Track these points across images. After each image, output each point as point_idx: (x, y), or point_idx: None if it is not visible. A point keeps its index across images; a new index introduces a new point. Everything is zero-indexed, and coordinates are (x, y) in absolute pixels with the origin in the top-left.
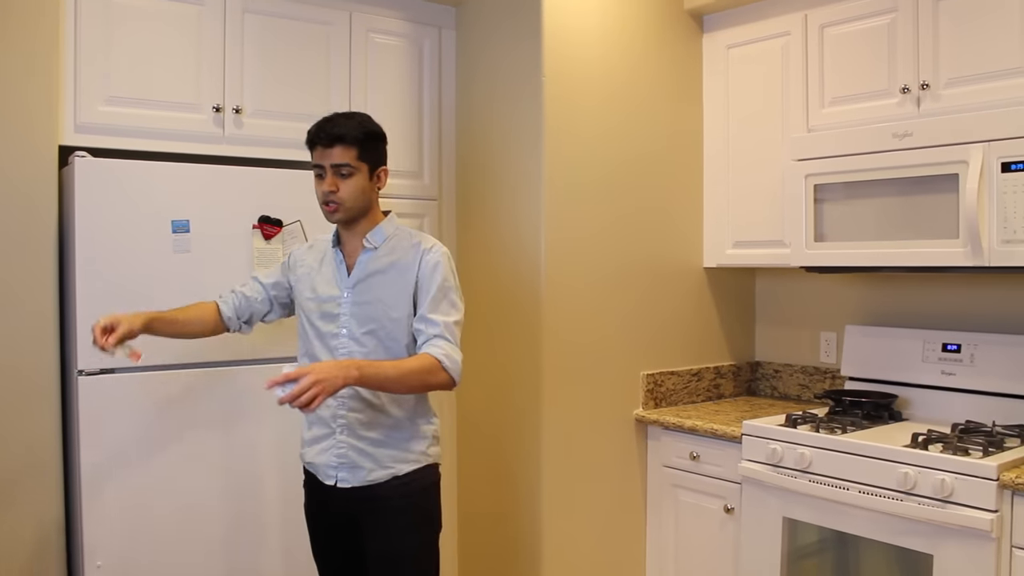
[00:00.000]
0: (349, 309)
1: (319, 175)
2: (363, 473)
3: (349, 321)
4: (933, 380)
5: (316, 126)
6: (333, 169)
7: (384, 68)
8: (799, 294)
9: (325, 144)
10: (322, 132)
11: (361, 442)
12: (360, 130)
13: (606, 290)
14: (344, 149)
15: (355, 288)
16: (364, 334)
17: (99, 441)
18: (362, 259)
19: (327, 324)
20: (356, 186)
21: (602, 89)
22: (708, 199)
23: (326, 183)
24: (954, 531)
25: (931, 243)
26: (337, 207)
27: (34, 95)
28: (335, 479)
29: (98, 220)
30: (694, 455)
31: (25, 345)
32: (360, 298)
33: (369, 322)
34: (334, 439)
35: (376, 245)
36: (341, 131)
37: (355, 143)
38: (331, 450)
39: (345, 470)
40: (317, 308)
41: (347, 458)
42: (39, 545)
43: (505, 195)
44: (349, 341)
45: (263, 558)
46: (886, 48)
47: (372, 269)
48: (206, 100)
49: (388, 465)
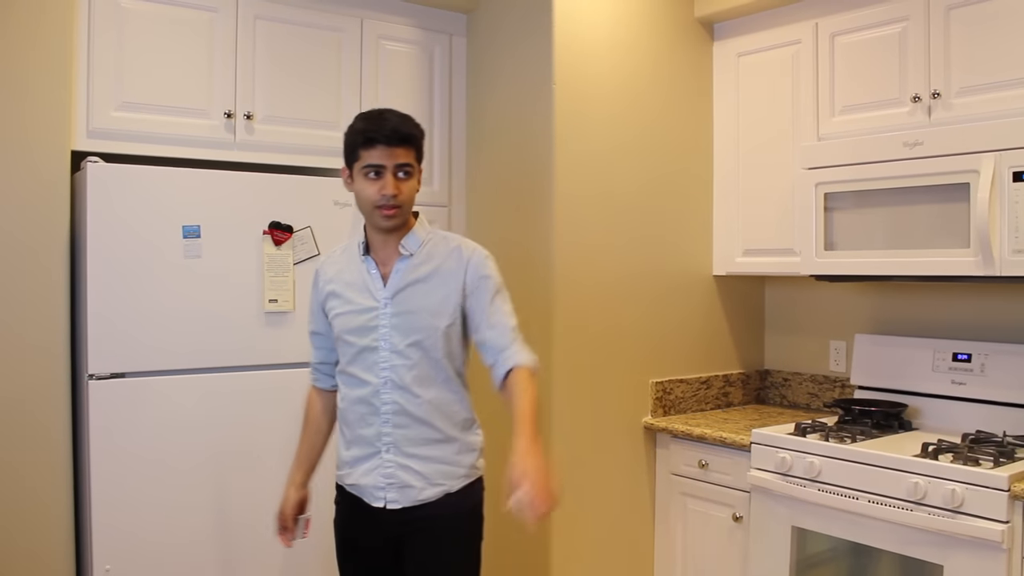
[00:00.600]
0: (389, 321)
1: (373, 175)
2: (413, 492)
3: (390, 334)
4: (943, 390)
5: (374, 123)
6: (396, 169)
7: (395, 75)
8: (809, 303)
9: (393, 143)
10: (386, 129)
11: (409, 460)
12: (419, 129)
13: (616, 297)
14: (407, 149)
15: (394, 298)
16: (408, 346)
17: (110, 445)
18: (399, 267)
19: (362, 338)
20: (413, 188)
21: (613, 97)
22: (718, 207)
23: (388, 185)
24: (964, 542)
25: (942, 252)
26: (398, 210)
27: (47, 101)
28: (384, 500)
29: (110, 225)
30: (703, 463)
31: (36, 349)
32: (401, 308)
33: (413, 333)
34: (380, 458)
35: (412, 251)
36: (408, 130)
37: (416, 143)
38: (377, 470)
39: (394, 490)
40: (351, 322)
41: (395, 478)
42: (49, 548)
43: (515, 202)
44: (391, 355)
45: (276, 565)
46: (897, 57)
47: (412, 278)
48: (217, 106)
49: (439, 482)
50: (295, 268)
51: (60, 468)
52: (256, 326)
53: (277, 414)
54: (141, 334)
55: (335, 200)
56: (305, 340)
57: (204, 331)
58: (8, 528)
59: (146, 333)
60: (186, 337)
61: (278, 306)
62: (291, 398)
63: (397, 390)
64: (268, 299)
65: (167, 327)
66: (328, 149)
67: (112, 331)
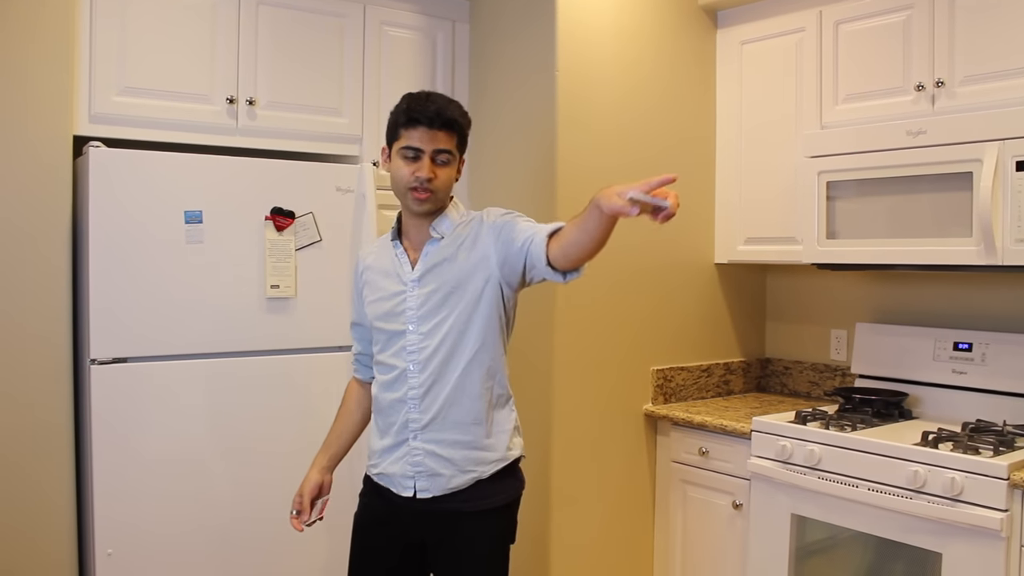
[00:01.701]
0: (416, 303)
1: (412, 157)
2: (443, 480)
3: (416, 315)
4: (944, 379)
5: (419, 103)
6: (435, 154)
7: (398, 61)
8: (810, 291)
9: (435, 126)
10: (429, 111)
11: (437, 446)
12: (465, 117)
13: (617, 285)
14: (449, 134)
15: (421, 280)
16: (434, 326)
17: (111, 430)
18: (428, 250)
19: (391, 323)
20: (450, 176)
21: (615, 84)
22: (720, 195)
23: (424, 168)
24: (963, 530)
25: (944, 241)
26: (431, 195)
27: (49, 85)
28: (412, 489)
29: (112, 210)
30: (703, 451)
31: (38, 334)
32: (428, 288)
33: (440, 311)
34: (408, 446)
35: (443, 234)
36: (452, 115)
37: (460, 129)
38: (405, 458)
39: (424, 479)
40: (380, 308)
41: (423, 466)
42: (51, 532)
43: (517, 189)
44: (418, 337)
45: (278, 549)
46: (901, 45)
47: (440, 258)
48: (220, 91)
49: (469, 469)
50: (297, 254)
51: (62, 452)
52: (258, 312)
53: (279, 399)
54: (143, 319)
55: (337, 186)
56: (307, 325)
57: (206, 316)
58: (10, 512)
59: (148, 318)
60: (188, 322)
61: (280, 292)
62: (293, 384)
63: (422, 372)
64: (270, 285)
65: (169, 312)
66: (331, 135)
67: (114, 316)
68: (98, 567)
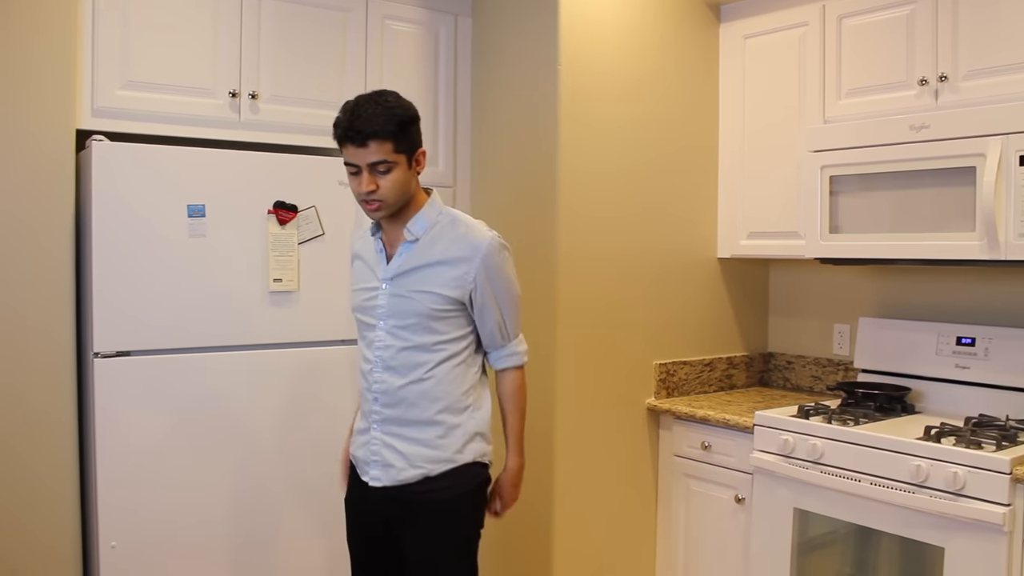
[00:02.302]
0: (387, 302)
1: (354, 173)
2: (394, 472)
3: (386, 314)
4: (947, 373)
5: (345, 121)
6: (370, 168)
7: (400, 55)
8: (813, 286)
9: (357, 143)
10: (351, 130)
11: (393, 439)
12: (393, 121)
13: (620, 279)
14: (379, 145)
15: (394, 281)
16: (401, 328)
17: (115, 423)
18: (403, 251)
19: (365, 315)
20: (397, 180)
21: (618, 78)
22: (723, 189)
23: (364, 182)
24: (966, 524)
25: (947, 236)
26: (380, 205)
27: (52, 79)
28: (369, 477)
29: (115, 203)
30: (705, 445)
31: (41, 327)
32: (399, 291)
33: (408, 316)
34: (370, 434)
35: (417, 236)
36: (373, 127)
37: (390, 136)
38: (367, 445)
39: (378, 467)
40: (357, 299)
41: (379, 455)
42: (54, 526)
43: (519, 183)
44: (386, 335)
45: (281, 539)
46: (905, 40)
47: (414, 264)
48: (222, 85)
49: (418, 465)
50: (300, 248)
51: (65, 446)
52: (261, 305)
53: (282, 393)
54: (146, 313)
55: (340, 180)
56: (309, 319)
57: (209, 310)
58: (15, 505)
59: (151, 312)
60: (191, 316)
61: (283, 285)
62: (296, 377)
63: (387, 370)
64: (273, 279)
65: (172, 306)
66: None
67: (117, 310)
68: (102, 560)
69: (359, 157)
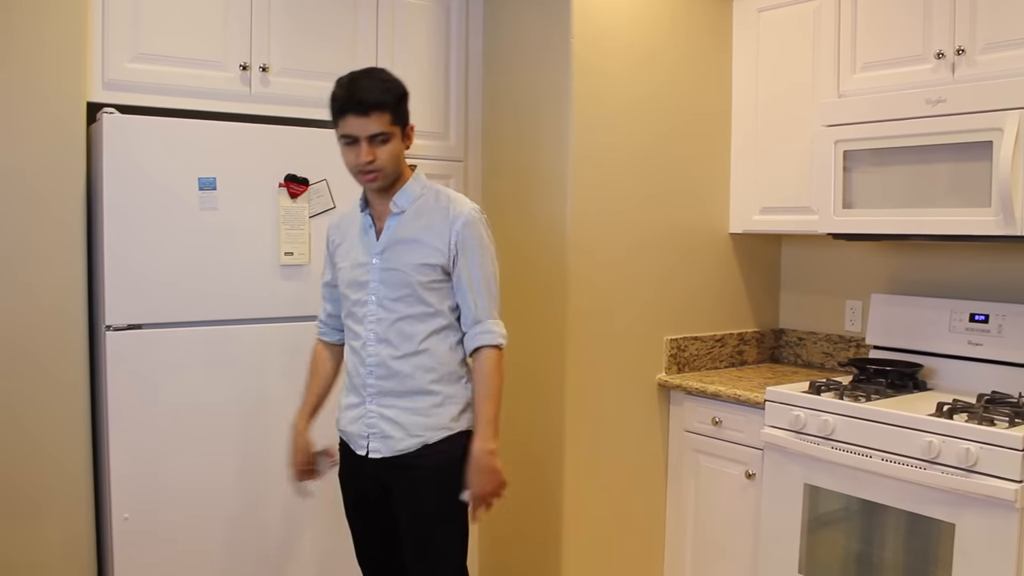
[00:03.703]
0: (378, 276)
1: (349, 143)
2: (392, 442)
3: (378, 288)
4: (959, 350)
5: (345, 93)
6: (370, 139)
7: (411, 28)
8: (825, 261)
9: (360, 112)
10: (354, 100)
11: (390, 411)
12: (392, 94)
13: (632, 254)
14: (380, 115)
15: (383, 254)
16: (393, 301)
17: (127, 396)
18: (390, 223)
19: (356, 292)
20: (393, 151)
21: (631, 52)
22: (736, 164)
23: (363, 153)
24: (977, 501)
25: (962, 211)
26: (377, 175)
27: (63, 52)
28: (366, 449)
29: (126, 176)
30: (716, 420)
31: (54, 301)
32: (388, 264)
33: (399, 288)
34: (364, 408)
35: (403, 208)
36: (377, 97)
37: (389, 108)
38: (361, 419)
39: (376, 440)
40: (347, 276)
41: (377, 428)
42: (68, 499)
43: (531, 158)
44: (378, 308)
45: (290, 513)
46: (921, 12)
47: (400, 236)
48: (233, 58)
49: (416, 433)
50: (311, 221)
51: (78, 419)
52: (272, 279)
53: (293, 366)
54: (158, 286)
55: None
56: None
57: (220, 283)
58: (29, 478)
59: (163, 285)
60: (203, 289)
61: (294, 259)
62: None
63: (380, 343)
64: (284, 252)
65: (184, 279)
66: None
67: (129, 283)
68: (115, 532)
69: (360, 128)
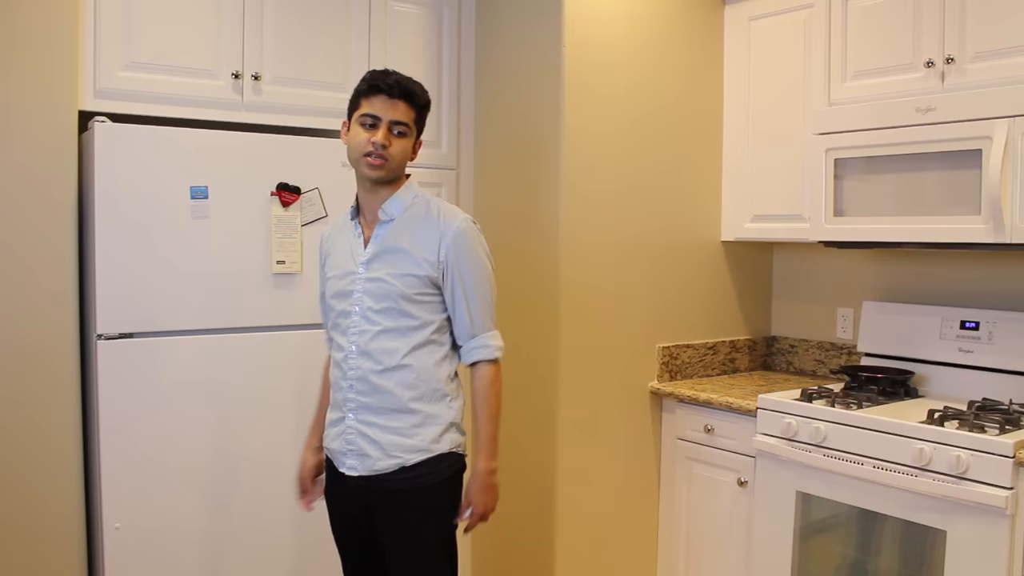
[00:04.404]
0: (363, 286)
1: (370, 124)
2: (370, 461)
3: (362, 299)
4: (950, 357)
5: (379, 74)
6: (392, 124)
7: (404, 37)
8: (817, 269)
9: (393, 95)
10: (390, 81)
11: (369, 428)
12: (423, 97)
13: (623, 262)
14: (408, 107)
15: (369, 264)
16: (377, 313)
17: (119, 405)
18: (378, 232)
19: (341, 302)
20: (405, 148)
21: (624, 61)
22: (727, 172)
23: (380, 134)
24: (969, 507)
25: (952, 219)
26: (384, 162)
27: (55, 60)
28: (345, 467)
29: (117, 185)
30: (708, 428)
31: (45, 309)
32: (374, 275)
33: (383, 300)
34: (344, 424)
35: (392, 216)
36: (412, 88)
37: (416, 106)
38: (342, 435)
39: (353, 457)
40: (334, 286)
41: (355, 444)
42: (59, 507)
43: (523, 166)
44: (361, 320)
45: (282, 523)
46: (911, 21)
47: (387, 245)
48: (225, 67)
49: (394, 454)
50: (303, 230)
51: (69, 427)
52: (264, 287)
53: (285, 375)
54: (150, 295)
55: (343, 162)
56: (312, 301)
57: (212, 292)
58: (19, 487)
59: (154, 294)
60: (194, 298)
61: (286, 267)
62: (299, 359)
63: (362, 356)
64: (276, 260)
65: (175, 288)
66: (336, 111)
67: (121, 291)
68: (107, 541)
69: (385, 110)
